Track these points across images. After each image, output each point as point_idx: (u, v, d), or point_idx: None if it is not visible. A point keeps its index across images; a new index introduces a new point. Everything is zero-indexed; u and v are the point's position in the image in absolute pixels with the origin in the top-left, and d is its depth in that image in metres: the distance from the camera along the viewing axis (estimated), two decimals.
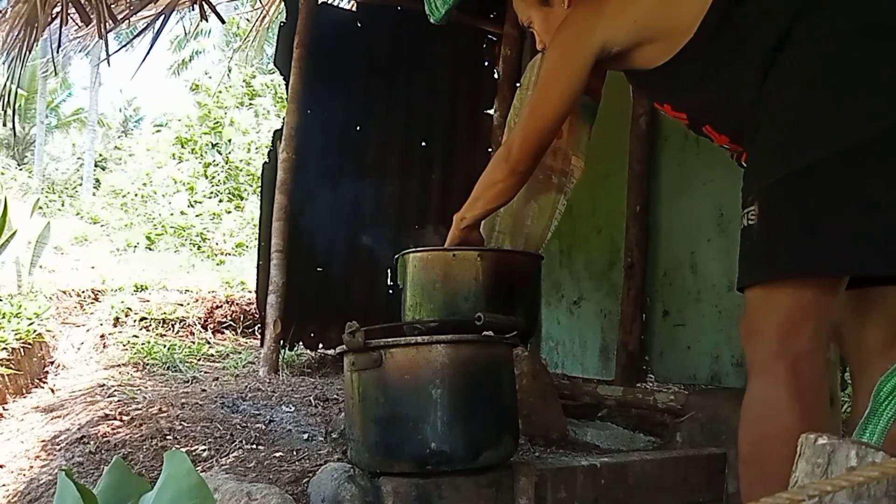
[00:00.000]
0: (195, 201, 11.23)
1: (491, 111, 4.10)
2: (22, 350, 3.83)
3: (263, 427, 2.42)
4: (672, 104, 1.53)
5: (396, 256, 2.00)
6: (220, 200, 11.26)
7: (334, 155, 3.81)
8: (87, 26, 2.82)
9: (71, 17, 2.83)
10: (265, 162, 3.70)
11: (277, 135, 3.63)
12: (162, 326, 4.71)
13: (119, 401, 2.91)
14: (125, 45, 3.79)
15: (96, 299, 5.25)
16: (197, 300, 5.11)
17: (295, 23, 3.61)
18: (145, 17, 3.51)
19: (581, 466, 1.84)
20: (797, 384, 1.27)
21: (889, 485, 0.70)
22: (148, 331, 4.63)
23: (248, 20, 9.23)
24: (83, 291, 5.30)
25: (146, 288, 5.44)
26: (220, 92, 12.79)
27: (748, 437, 1.33)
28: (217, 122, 12.31)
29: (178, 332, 4.67)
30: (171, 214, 10.79)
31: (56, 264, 7.00)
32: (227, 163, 11.88)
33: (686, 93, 1.50)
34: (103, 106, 22.70)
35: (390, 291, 3.84)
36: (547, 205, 2.12)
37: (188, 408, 2.62)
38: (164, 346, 4.19)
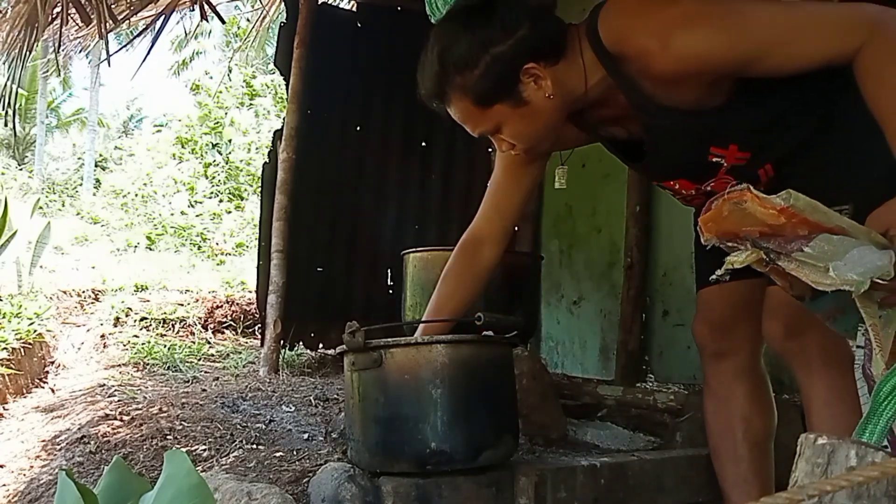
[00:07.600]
0: (195, 201, 11.23)
1: None
2: (22, 350, 3.83)
3: (263, 427, 2.42)
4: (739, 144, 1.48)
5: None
6: (221, 200, 11.27)
7: (334, 155, 3.81)
8: (87, 26, 2.82)
9: (71, 17, 2.84)
10: (265, 162, 3.71)
11: (277, 135, 3.64)
12: (162, 326, 4.71)
13: (119, 401, 2.91)
14: (125, 46, 3.79)
15: (96, 299, 5.25)
16: (197, 300, 5.11)
17: (295, 23, 3.61)
18: (145, 18, 3.51)
19: (581, 466, 1.84)
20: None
21: (889, 485, 0.70)
22: (148, 331, 4.63)
23: (248, 20, 9.22)
24: (83, 291, 5.30)
25: (146, 288, 5.44)
26: (221, 92, 12.79)
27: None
28: (217, 123, 12.31)
29: (178, 332, 4.67)
30: (172, 214, 10.79)
31: (56, 264, 6.99)
32: (227, 163, 11.88)
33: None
34: (104, 106, 22.69)
35: (390, 291, 3.85)
36: None
37: (188, 408, 2.62)
38: (165, 346, 4.18)
